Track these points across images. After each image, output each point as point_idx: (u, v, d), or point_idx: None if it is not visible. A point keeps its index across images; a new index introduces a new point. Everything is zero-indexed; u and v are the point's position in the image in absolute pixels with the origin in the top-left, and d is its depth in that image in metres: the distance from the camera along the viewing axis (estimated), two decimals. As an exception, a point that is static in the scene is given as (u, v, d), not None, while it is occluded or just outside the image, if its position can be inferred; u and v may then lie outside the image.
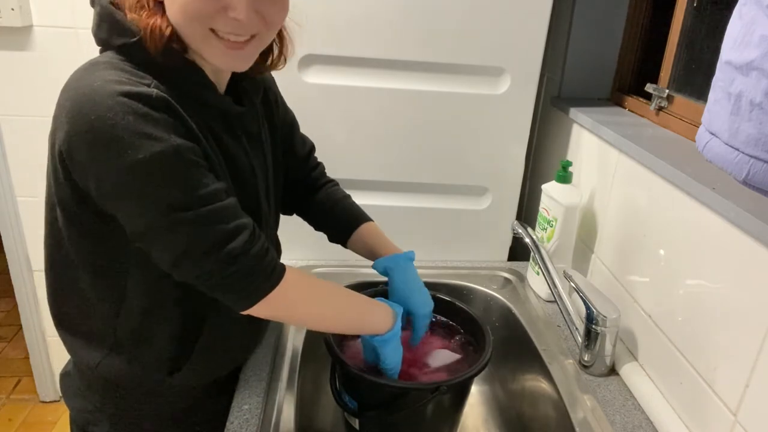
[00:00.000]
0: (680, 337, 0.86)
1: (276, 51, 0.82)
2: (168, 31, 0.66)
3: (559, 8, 1.31)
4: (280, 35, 0.81)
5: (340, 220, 1.01)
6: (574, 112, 1.27)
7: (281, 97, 0.95)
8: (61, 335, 0.81)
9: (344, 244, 1.01)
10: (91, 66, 0.67)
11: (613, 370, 0.99)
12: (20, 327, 1.92)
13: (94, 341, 0.79)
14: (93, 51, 0.71)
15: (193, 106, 0.69)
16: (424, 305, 0.92)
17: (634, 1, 1.29)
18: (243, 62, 0.71)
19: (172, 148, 0.62)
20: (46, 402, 2.03)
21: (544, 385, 1.00)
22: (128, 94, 0.61)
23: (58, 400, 2.04)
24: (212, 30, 0.67)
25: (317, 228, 1.04)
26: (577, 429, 0.87)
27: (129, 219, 0.65)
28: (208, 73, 0.72)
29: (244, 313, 0.71)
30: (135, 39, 0.66)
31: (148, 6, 0.67)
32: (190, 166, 0.64)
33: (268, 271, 0.70)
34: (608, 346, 0.95)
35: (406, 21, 1.15)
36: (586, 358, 0.98)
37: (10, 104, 1.62)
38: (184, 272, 0.67)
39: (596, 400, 0.92)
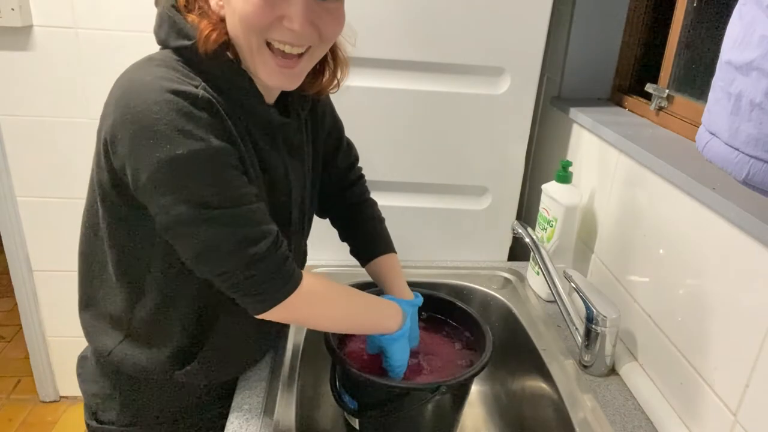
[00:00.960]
0: (680, 337, 0.86)
1: (329, 73, 0.84)
2: (221, 39, 0.69)
3: (559, 8, 1.31)
4: (335, 55, 0.83)
5: (364, 242, 1.01)
6: (574, 112, 1.27)
7: (331, 108, 0.96)
8: (82, 319, 0.84)
9: (362, 264, 1.01)
10: (146, 61, 0.69)
11: (613, 370, 0.99)
12: (20, 327, 1.92)
13: (111, 327, 0.81)
14: (93, 51, 0.72)
15: (237, 111, 0.72)
16: (398, 360, 0.90)
17: (634, 1, 1.29)
18: (292, 81, 0.73)
19: (210, 148, 0.65)
20: (46, 402, 2.03)
21: (544, 385, 1.00)
22: (175, 92, 0.64)
23: (58, 400, 2.04)
24: (267, 44, 0.69)
25: (342, 238, 1.04)
26: (577, 429, 0.87)
27: (159, 211, 0.66)
28: (258, 83, 0.74)
29: (260, 317, 0.72)
30: (191, 42, 0.68)
31: (210, 18, 0.70)
32: (224, 167, 0.67)
33: (286, 278, 0.71)
34: (608, 346, 0.95)
35: (406, 21, 1.15)
36: (586, 358, 0.98)
37: (10, 104, 1.62)
38: (206, 269, 0.69)
39: (596, 400, 0.92)
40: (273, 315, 0.72)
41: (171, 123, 0.63)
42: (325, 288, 0.78)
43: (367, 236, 1.01)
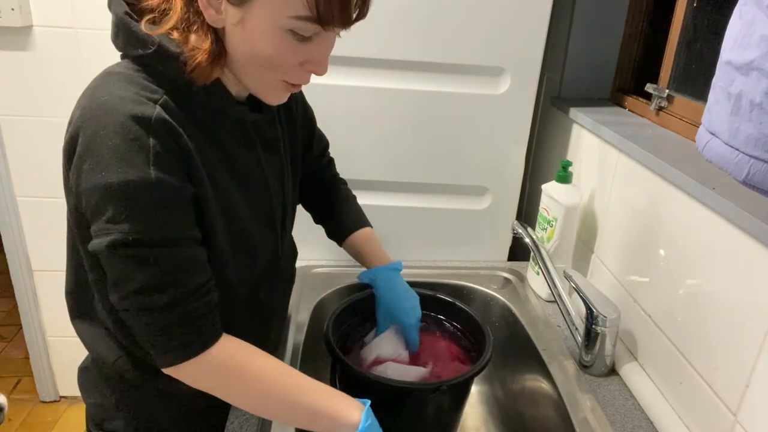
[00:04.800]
0: (680, 337, 0.86)
1: None
2: (217, 73, 0.68)
3: (559, 8, 1.31)
4: None
5: (339, 220, 1.02)
6: (574, 112, 1.27)
7: (302, 96, 0.95)
8: (78, 329, 0.81)
9: (339, 244, 1.03)
10: (106, 76, 0.67)
11: (613, 370, 0.99)
12: (20, 327, 1.92)
13: (109, 338, 0.79)
14: (93, 51, 0.72)
15: (203, 119, 0.70)
16: (409, 315, 0.92)
17: (634, 1, 1.29)
18: (287, 97, 0.73)
19: (146, 181, 0.62)
20: (46, 402, 2.03)
21: (544, 385, 1.00)
22: (129, 116, 0.61)
23: (58, 400, 2.04)
24: (283, 80, 0.68)
25: (317, 221, 1.06)
26: (577, 429, 0.87)
27: (93, 235, 0.65)
28: (231, 86, 0.72)
29: (168, 371, 0.68)
30: (151, 51, 0.65)
31: (200, 28, 0.65)
32: (157, 203, 0.63)
33: (199, 332, 0.67)
34: (608, 346, 0.95)
35: (406, 21, 1.15)
36: (586, 358, 0.98)
37: (10, 104, 1.62)
38: (114, 300, 0.66)
39: (596, 400, 0.92)
40: (177, 374, 0.68)
41: (113, 150, 0.61)
42: (243, 366, 0.69)
43: (340, 215, 1.02)
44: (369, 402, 0.72)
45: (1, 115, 1.64)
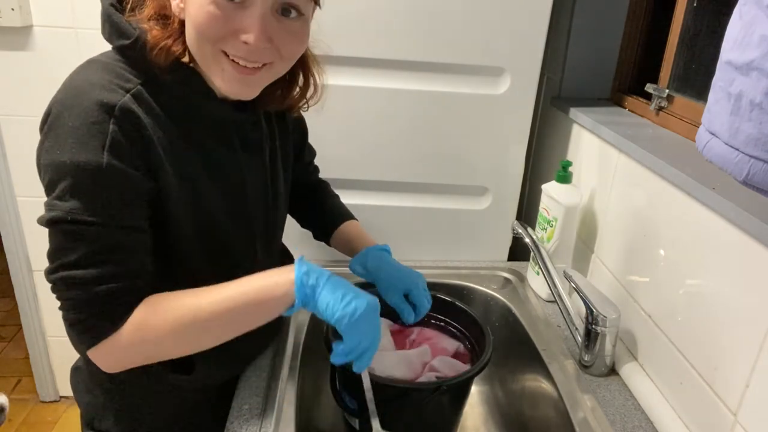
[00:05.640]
0: (680, 337, 0.87)
1: (298, 93, 0.83)
2: (177, 51, 0.68)
3: (559, 8, 1.31)
4: (306, 78, 0.82)
5: (323, 218, 1.03)
6: (574, 112, 1.27)
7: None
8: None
9: (327, 242, 1.03)
10: (87, 63, 0.70)
11: (613, 370, 0.99)
12: (20, 327, 1.91)
13: None
14: (93, 51, 0.72)
15: (177, 112, 0.70)
16: (415, 277, 0.91)
17: (634, 1, 1.29)
18: (250, 89, 0.71)
19: (96, 165, 0.63)
20: (46, 402, 2.03)
21: (544, 385, 1.00)
22: (94, 101, 0.64)
23: (58, 400, 2.04)
24: (223, 52, 0.67)
25: (303, 225, 1.07)
26: (577, 429, 0.87)
27: (44, 206, 0.66)
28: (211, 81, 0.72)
29: (91, 356, 0.68)
30: (130, 41, 0.67)
31: (172, 23, 0.68)
32: (104, 188, 0.64)
33: (114, 312, 0.66)
34: (608, 346, 0.95)
35: (406, 21, 1.15)
36: (586, 358, 0.98)
37: (10, 104, 1.62)
38: (46, 271, 0.67)
39: (596, 400, 0.92)
40: (98, 359, 0.68)
41: (72, 131, 0.63)
42: (153, 326, 0.67)
43: (324, 212, 1.03)
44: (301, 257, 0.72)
45: (1, 115, 1.64)
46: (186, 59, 0.71)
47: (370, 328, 0.71)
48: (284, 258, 1.00)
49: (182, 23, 0.68)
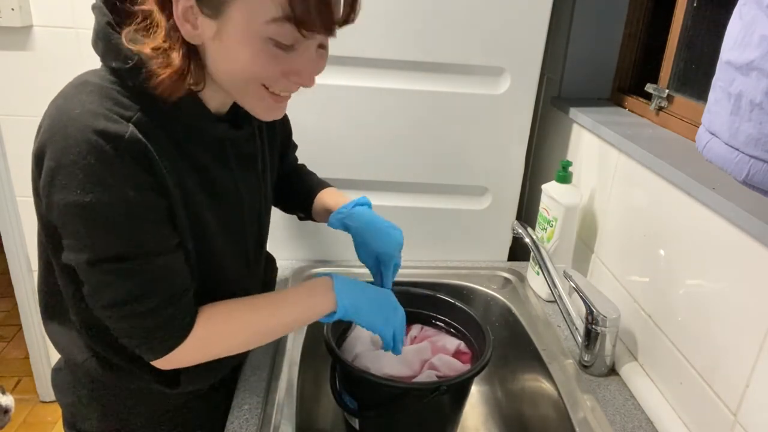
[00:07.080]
0: (680, 337, 0.87)
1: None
2: (186, 88, 0.66)
3: (559, 8, 1.31)
4: None
5: (301, 193, 1.03)
6: (574, 112, 1.27)
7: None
8: (48, 330, 0.81)
9: (310, 216, 1.02)
10: (80, 85, 0.66)
11: (613, 370, 0.99)
12: (20, 327, 1.92)
13: (79, 338, 0.78)
14: (92, 51, 0.71)
15: (178, 136, 0.69)
16: (385, 243, 0.88)
17: (634, 1, 1.29)
18: (282, 111, 0.73)
19: (121, 200, 0.62)
20: (46, 402, 2.03)
21: (544, 385, 1.00)
22: (100, 133, 0.61)
23: (58, 400, 2.04)
24: (264, 86, 0.67)
25: (287, 209, 1.06)
26: (577, 429, 0.87)
27: (66, 248, 0.66)
28: (210, 101, 0.72)
29: (158, 365, 0.72)
30: (129, 65, 0.64)
31: (175, 45, 0.64)
32: (133, 221, 0.64)
33: (180, 326, 0.70)
34: (608, 346, 0.95)
35: (406, 21, 1.15)
36: (586, 358, 0.98)
37: (10, 104, 1.62)
38: (94, 308, 0.68)
39: (596, 400, 0.92)
40: (169, 365, 0.72)
41: (86, 169, 0.60)
42: (225, 320, 0.74)
43: (302, 191, 1.03)
44: (334, 275, 0.81)
45: (1, 115, 1.64)
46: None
47: (400, 323, 0.85)
48: (267, 263, 0.99)
49: (190, 50, 0.65)
